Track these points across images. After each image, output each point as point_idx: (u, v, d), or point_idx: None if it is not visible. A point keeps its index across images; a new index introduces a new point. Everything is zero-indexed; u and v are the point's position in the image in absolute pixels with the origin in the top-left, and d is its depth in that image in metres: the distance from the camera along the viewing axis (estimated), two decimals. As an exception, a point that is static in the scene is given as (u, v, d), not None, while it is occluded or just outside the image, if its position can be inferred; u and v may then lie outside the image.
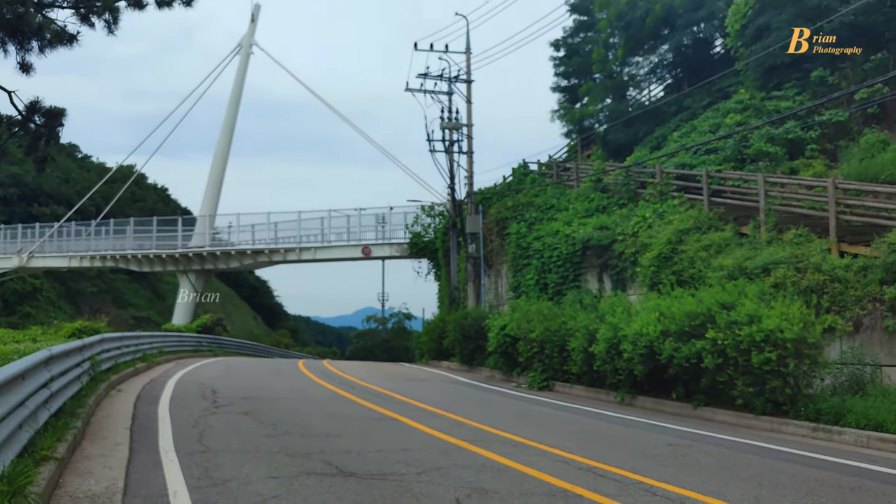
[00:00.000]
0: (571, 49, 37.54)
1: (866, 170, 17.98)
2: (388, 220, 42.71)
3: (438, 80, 32.09)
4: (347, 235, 43.52)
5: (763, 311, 12.19)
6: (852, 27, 22.17)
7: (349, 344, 65.32)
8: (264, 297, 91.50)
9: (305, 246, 43.76)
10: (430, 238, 39.38)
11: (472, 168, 31.43)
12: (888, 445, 10.05)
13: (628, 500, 6.63)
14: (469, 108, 31.56)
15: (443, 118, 31.64)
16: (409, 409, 13.13)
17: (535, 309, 19.79)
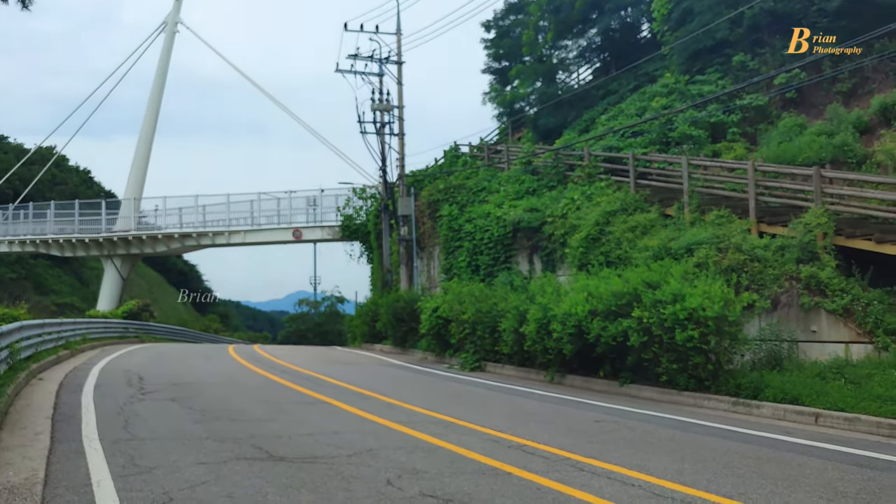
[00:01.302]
0: (502, 31, 37.65)
1: (784, 153, 18.60)
2: (319, 203, 42.35)
3: (369, 62, 31.85)
4: (278, 218, 42.99)
5: (686, 290, 12.54)
6: (772, 13, 22.85)
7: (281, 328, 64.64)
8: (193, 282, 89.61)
9: (235, 229, 43.04)
10: (362, 221, 39.16)
11: (403, 150, 31.36)
12: (803, 418, 10.49)
13: (556, 476, 6.78)
14: (400, 89, 31.43)
15: (373, 100, 31.44)
16: (340, 393, 13.12)
17: (467, 291, 19.94)
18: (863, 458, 7.88)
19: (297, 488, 6.23)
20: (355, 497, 5.99)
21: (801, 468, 7.33)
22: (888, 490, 6.45)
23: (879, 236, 13.75)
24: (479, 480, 6.57)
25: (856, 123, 18.72)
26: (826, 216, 14.41)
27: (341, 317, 51.92)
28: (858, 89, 20.57)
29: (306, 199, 42.58)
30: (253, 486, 6.27)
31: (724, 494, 6.20)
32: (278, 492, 6.12)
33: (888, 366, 11.54)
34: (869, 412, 9.86)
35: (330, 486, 6.33)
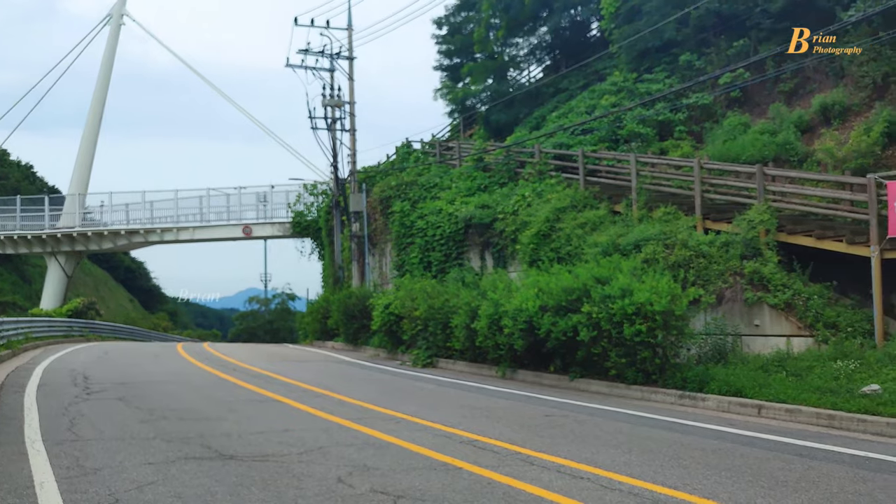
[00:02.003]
0: (454, 28, 37.71)
1: (729, 151, 19.01)
2: (269, 199, 41.95)
3: (320, 57, 31.68)
4: (228, 215, 42.44)
5: (634, 285, 12.75)
6: (717, 14, 23.33)
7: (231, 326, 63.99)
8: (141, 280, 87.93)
9: (183, 226, 42.36)
10: (313, 217, 38.94)
11: (355, 146, 31.27)
12: (747, 409, 10.75)
13: (506, 470, 6.85)
14: (351, 85, 31.34)
15: (324, 95, 31.25)
16: (291, 391, 13.05)
17: (418, 287, 19.98)
18: (803, 448, 8.12)
19: (247, 487, 6.20)
20: (306, 495, 5.98)
21: (744, 458, 7.52)
22: (826, 478, 6.66)
23: (819, 232, 14.15)
24: (431, 476, 6.61)
25: (797, 123, 19.21)
26: (769, 213, 14.78)
27: (292, 314, 51.61)
28: (800, 89, 21.11)
29: (256, 196, 42.13)
30: (202, 486, 6.22)
31: (670, 485, 6.34)
32: (228, 491, 6.07)
33: (827, 358, 11.90)
34: (809, 403, 10.15)
35: (281, 484, 6.30)
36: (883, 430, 9.02)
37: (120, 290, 77.03)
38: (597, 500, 5.85)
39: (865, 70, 18.37)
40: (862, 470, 7.02)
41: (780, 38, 21.57)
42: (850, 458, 7.60)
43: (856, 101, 18.66)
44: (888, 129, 16.53)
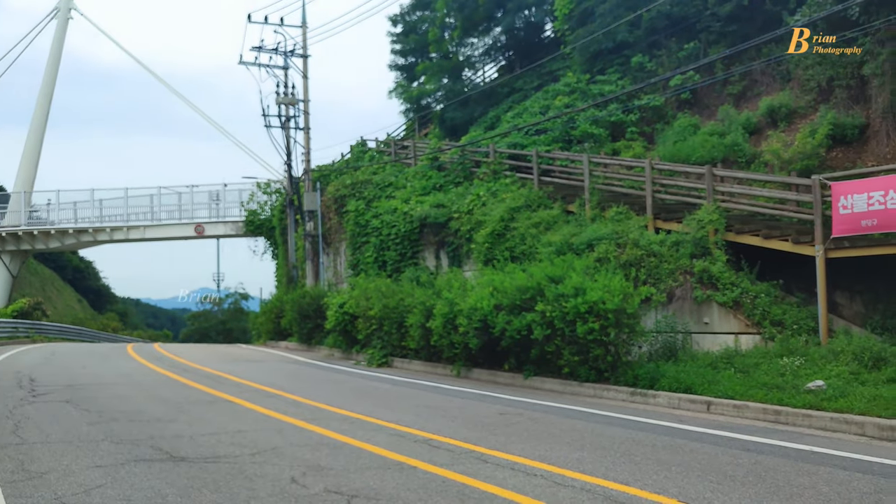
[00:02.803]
0: (409, 27, 37.67)
1: (679, 152, 19.33)
2: (222, 198, 41.45)
3: (274, 54, 31.40)
4: (179, 213, 41.78)
5: (587, 284, 12.89)
6: (668, 17, 23.70)
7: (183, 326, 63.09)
8: (90, 280, 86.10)
9: (134, 224, 41.61)
10: (266, 216, 38.61)
11: (309, 144, 31.06)
12: (696, 406, 10.94)
13: (460, 468, 6.88)
14: (305, 83, 31.10)
15: (278, 93, 30.99)
16: (244, 391, 12.91)
17: (373, 286, 19.92)
18: (750, 443, 8.30)
19: (198, 489, 6.12)
20: (259, 496, 5.93)
21: (693, 454, 7.65)
22: (772, 472, 6.82)
23: (766, 232, 14.47)
24: (385, 475, 6.61)
25: (745, 124, 19.62)
26: (717, 213, 15.07)
27: (245, 314, 51.07)
28: (748, 92, 21.55)
29: (209, 194, 41.61)
30: (152, 489, 6.12)
31: (622, 481, 6.43)
32: (179, 493, 5.99)
33: (774, 355, 12.18)
34: (756, 399, 10.37)
35: (233, 485, 6.24)
36: (827, 425, 9.27)
37: (68, 289, 75.31)
38: (550, 497, 5.91)
39: (811, 74, 18.83)
40: (807, 464, 7.20)
41: (728, 40, 22.04)
42: (795, 452, 7.79)
43: (801, 104, 19.13)
44: (832, 132, 16.99)
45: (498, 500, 5.84)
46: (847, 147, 17.20)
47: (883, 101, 16.41)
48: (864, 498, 5.94)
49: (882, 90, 16.44)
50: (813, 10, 17.25)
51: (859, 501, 5.84)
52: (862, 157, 16.69)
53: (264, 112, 30.98)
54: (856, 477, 6.64)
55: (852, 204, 12.31)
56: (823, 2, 16.94)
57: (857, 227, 12.28)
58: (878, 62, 16.45)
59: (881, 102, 16.50)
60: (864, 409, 9.23)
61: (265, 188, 39.06)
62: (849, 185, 12.55)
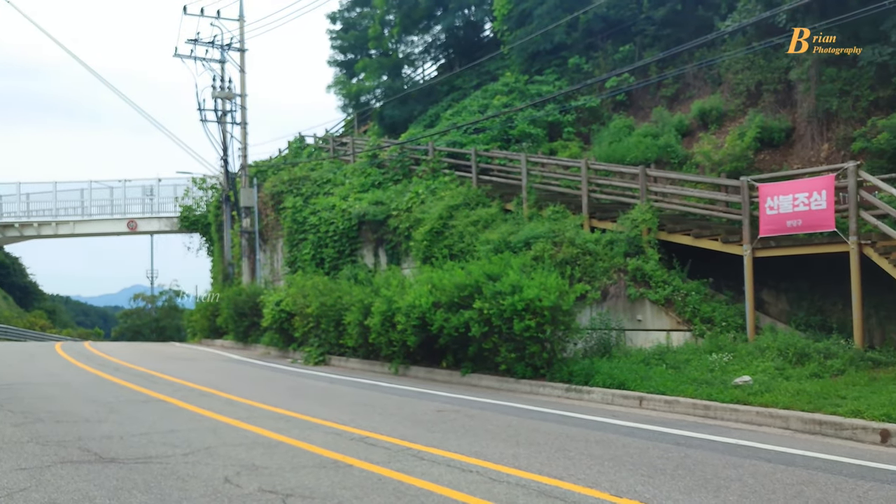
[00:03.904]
0: (348, 23, 37.45)
1: (614, 152, 19.68)
2: (156, 193, 40.62)
3: (210, 48, 30.84)
4: (111, 208, 40.76)
5: (524, 281, 13.04)
6: (604, 20, 24.09)
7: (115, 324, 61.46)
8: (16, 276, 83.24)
9: (63, 219, 40.40)
10: (202, 212, 37.96)
11: (246, 140, 30.60)
12: (629, 401, 11.18)
13: (397, 466, 6.89)
14: (243, 77, 30.63)
15: (215, 87, 30.47)
16: (178, 390, 12.68)
17: (311, 284, 19.78)
18: (680, 437, 8.52)
19: (128, 490, 6.00)
20: (191, 496, 5.84)
21: (625, 448, 7.82)
22: (701, 465, 7.01)
23: (697, 231, 14.85)
24: (321, 474, 6.58)
25: (678, 126, 20.09)
26: (651, 212, 15.40)
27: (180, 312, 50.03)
28: (681, 94, 22.07)
29: (142, 189, 40.70)
30: (79, 491, 5.98)
31: (556, 476, 6.53)
32: (107, 495, 5.86)
33: (703, 351, 12.54)
34: (686, 395, 10.65)
35: (164, 486, 6.14)
36: (753, 419, 9.57)
37: (-9, 287, 72.66)
38: (485, 493, 5.97)
39: (740, 78, 19.39)
40: (734, 457, 7.43)
41: (662, 44, 22.53)
42: (723, 445, 8.03)
43: (731, 108, 19.68)
44: (760, 135, 17.53)
45: (433, 496, 5.87)
46: (774, 150, 17.77)
47: (808, 105, 17.00)
48: (787, 489, 6.16)
49: (807, 95, 17.03)
50: (743, 16, 17.75)
51: (783, 493, 6.05)
52: (788, 160, 17.26)
53: (200, 106, 30.41)
54: (779, 469, 6.88)
55: (778, 205, 12.73)
56: (753, 8, 17.45)
57: (783, 227, 12.70)
58: (803, 68, 17.03)
59: (806, 107, 17.09)
60: (789, 404, 9.56)
61: (201, 184, 38.37)
62: (775, 187, 12.97)
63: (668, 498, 5.87)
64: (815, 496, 5.94)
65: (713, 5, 21.52)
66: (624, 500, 5.81)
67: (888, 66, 15.16)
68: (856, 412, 8.89)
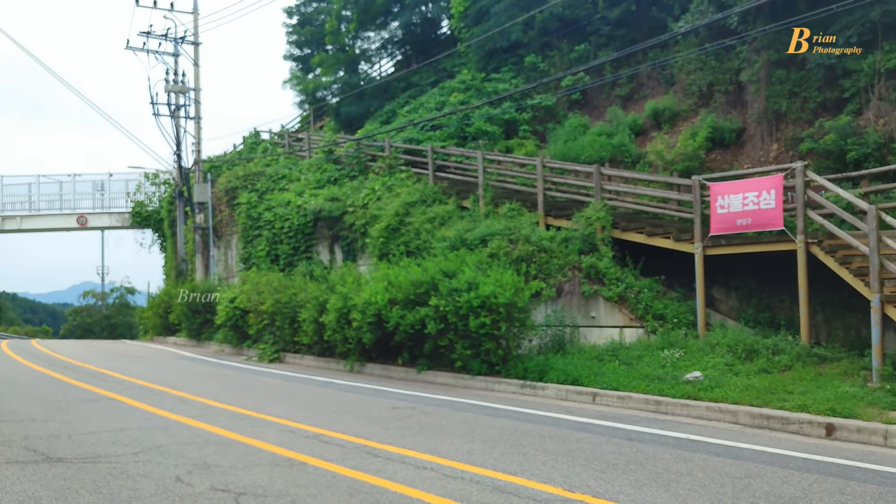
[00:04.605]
0: (304, 18, 37.15)
1: (570, 151, 19.84)
2: (107, 188, 39.83)
3: (163, 40, 30.34)
4: (61, 203, 39.85)
5: (480, 278, 13.10)
6: (560, 19, 24.26)
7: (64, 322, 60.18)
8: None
9: (9, 214, 39.38)
10: (154, 207, 37.39)
11: (199, 134, 30.18)
12: (583, 397, 11.30)
13: (351, 463, 6.88)
14: (197, 71, 30.19)
15: (168, 81, 29.98)
16: (128, 388, 12.48)
17: (265, 280, 19.61)
18: (633, 432, 8.64)
19: (76, 490, 5.89)
20: (141, 496, 5.75)
21: (579, 444, 7.91)
22: (652, 460, 7.13)
23: (650, 230, 15.05)
24: (274, 472, 6.54)
25: (632, 126, 20.33)
26: (605, 211, 15.57)
27: (132, 309, 49.28)
28: (634, 94, 22.34)
29: (93, 184, 39.90)
30: (24, 492, 5.85)
31: (510, 472, 6.58)
32: (54, 495, 5.75)
33: (655, 347, 12.72)
34: (639, 390, 10.80)
35: (114, 486, 6.03)
36: (703, 414, 9.75)
37: (-66, 283, 70.62)
38: (439, 490, 5.99)
39: (693, 79, 19.69)
40: (684, 451, 7.56)
41: (617, 44, 22.77)
42: (674, 440, 8.17)
43: (684, 108, 19.98)
44: (711, 135, 17.83)
45: (388, 493, 5.87)
46: (725, 150, 18.09)
47: (758, 106, 17.34)
48: (735, 482, 6.29)
49: (757, 97, 17.37)
50: (695, 18, 18.04)
51: (731, 486, 6.17)
52: (738, 160, 17.59)
53: (153, 100, 29.93)
54: (728, 463, 7.02)
55: (729, 204, 12.97)
56: (705, 10, 17.74)
57: (733, 225, 12.94)
58: (754, 70, 17.37)
59: (756, 108, 17.43)
60: (738, 399, 9.76)
61: (153, 179, 37.77)
62: (726, 186, 13.21)
63: (619, 492, 5.95)
64: (762, 489, 6.08)
65: (667, 6, 21.82)
66: (577, 494, 5.88)
67: (835, 69, 15.54)
68: (802, 407, 9.11)
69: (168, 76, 29.98)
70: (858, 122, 14.98)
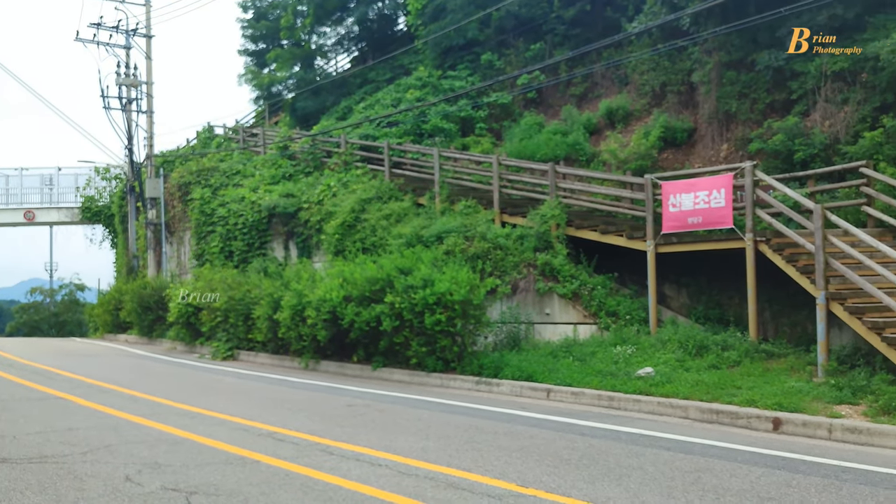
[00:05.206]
0: (260, 12, 36.72)
1: (525, 149, 19.98)
2: (56, 182, 38.96)
3: (115, 32, 29.73)
4: (7, 198, 38.89)
5: (436, 275, 13.12)
6: (516, 17, 24.39)
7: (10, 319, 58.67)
8: None
9: (-47, 208, 38.35)
10: (105, 203, 36.69)
11: (152, 129, 29.63)
12: (537, 393, 11.39)
13: (305, 461, 6.84)
14: (149, 64, 29.64)
15: (119, 74, 29.40)
16: (77, 387, 12.23)
17: (219, 277, 19.38)
18: (586, 427, 8.74)
19: (20, 491, 5.76)
20: (89, 496, 5.65)
21: (532, 440, 7.97)
22: (604, 455, 7.22)
23: (603, 227, 15.23)
24: (226, 470, 6.47)
25: (586, 124, 20.54)
26: (559, 208, 15.71)
27: (82, 306, 48.23)
28: (589, 93, 22.57)
29: (41, 178, 39.00)
30: (-31, 494, 5.71)
31: (465, 468, 6.61)
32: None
33: (608, 344, 12.88)
34: (592, 386, 10.93)
35: (60, 486, 5.92)
36: (654, 409, 9.91)
37: None
38: (394, 487, 5.99)
39: (646, 79, 19.97)
40: (636, 446, 7.67)
41: (572, 43, 22.98)
42: (626, 435, 8.28)
43: (637, 107, 20.25)
44: (664, 134, 18.11)
45: (342, 491, 5.86)
46: (677, 149, 18.38)
47: (709, 107, 17.64)
48: (685, 476, 6.40)
49: (708, 97, 17.68)
50: (649, 19, 18.28)
51: (681, 480, 6.29)
52: (690, 159, 17.88)
53: (103, 93, 29.30)
54: (678, 457, 7.14)
55: (680, 202, 13.18)
56: (658, 11, 17.99)
57: (685, 224, 13.16)
58: (705, 71, 17.67)
59: (707, 108, 17.73)
60: (688, 394, 9.94)
61: (104, 174, 37.06)
62: (677, 185, 13.42)
63: (572, 487, 6.02)
64: (711, 482, 6.20)
65: (621, 7, 22.07)
66: (530, 490, 5.93)
67: (783, 71, 15.88)
68: (750, 401, 9.31)
69: (119, 69, 29.40)
70: (805, 123, 15.34)
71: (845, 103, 14.78)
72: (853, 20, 14.71)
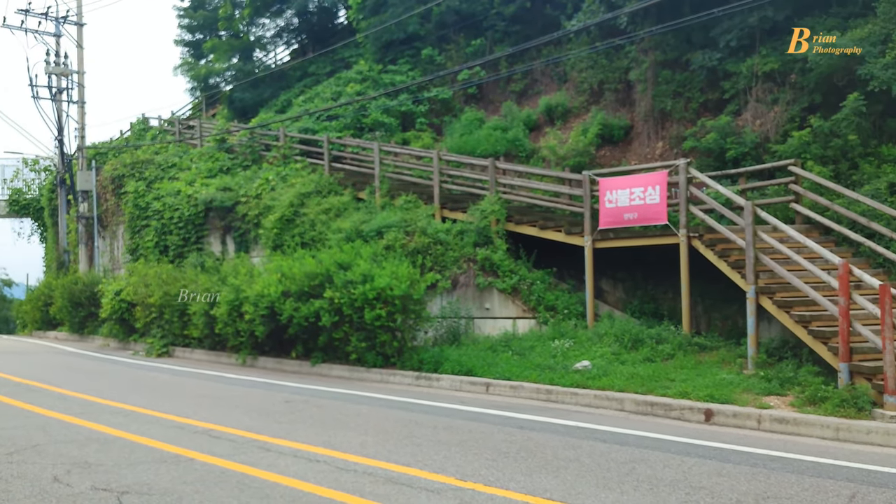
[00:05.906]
0: (197, 2, 35.98)
1: (466, 144, 20.04)
2: (-20, 174, 37.54)
3: (44, 19, 28.81)
4: (-72, 190, 37.36)
5: (375, 270, 13.07)
6: (457, 13, 24.43)
7: (-69, 316, 56.47)
8: None
9: None
10: (34, 195, 35.60)
11: (84, 120, 28.81)
12: (476, 388, 11.46)
13: (242, 458, 6.76)
14: (80, 53, 28.79)
15: (49, 62, 28.51)
16: (3, 385, 11.86)
17: (153, 272, 18.98)
18: (524, 420, 8.83)
19: (-57, 495, 5.57)
20: (15, 498, 5.48)
21: (471, 433, 8.02)
22: (542, 447, 7.30)
23: (542, 223, 15.38)
24: (160, 469, 6.35)
25: (526, 121, 20.70)
26: (499, 204, 15.81)
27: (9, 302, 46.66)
28: (529, 90, 22.74)
29: (-35, 169, 37.53)
30: None
31: (403, 463, 6.61)
32: (-81, 501, 5.41)
33: (547, 338, 13.03)
34: (530, 380, 11.04)
35: (-15, 488, 5.73)
36: (591, 402, 10.06)
37: None
38: (332, 482, 5.96)
39: (584, 76, 20.21)
40: (573, 438, 7.78)
41: (512, 40, 23.13)
42: (563, 428, 8.39)
43: (576, 104, 20.48)
44: (602, 132, 18.36)
45: (279, 487, 5.81)
46: (614, 146, 18.67)
47: (645, 105, 17.96)
48: (620, 467, 6.52)
49: (644, 96, 17.99)
50: (587, 17, 18.50)
51: (616, 471, 6.40)
52: (627, 156, 18.18)
53: (32, 82, 28.40)
54: (614, 449, 7.27)
55: (617, 199, 13.39)
56: (596, 10, 18.22)
57: (621, 220, 13.38)
58: (641, 69, 17.98)
59: (643, 107, 18.05)
60: (624, 387, 10.12)
61: (33, 165, 35.94)
62: (614, 182, 13.63)
63: (511, 480, 6.07)
64: (645, 473, 6.33)
65: (560, 5, 22.28)
66: (469, 483, 5.96)
67: (717, 71, 16.25)
68: (683, 393, 9.53)
69: (49, 57, 28.51)
70: (737, 122, 15.73)
71: (775, 103, 15.21)
72: (783, 22, 15.13)
